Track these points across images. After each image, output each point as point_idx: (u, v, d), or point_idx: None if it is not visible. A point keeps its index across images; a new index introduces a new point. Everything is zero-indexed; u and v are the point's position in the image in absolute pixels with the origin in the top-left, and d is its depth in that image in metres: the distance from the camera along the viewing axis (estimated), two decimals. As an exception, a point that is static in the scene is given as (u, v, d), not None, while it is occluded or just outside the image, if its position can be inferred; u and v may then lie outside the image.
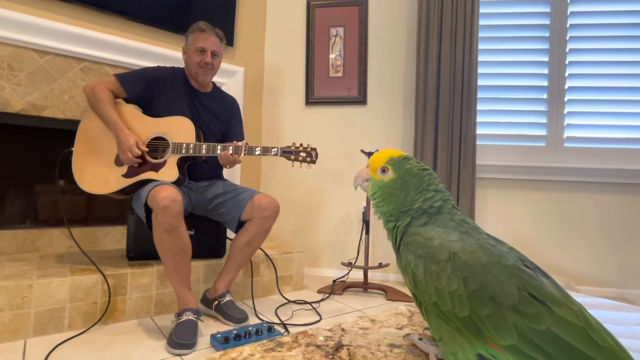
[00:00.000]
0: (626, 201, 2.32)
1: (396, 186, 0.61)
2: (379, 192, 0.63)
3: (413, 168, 0.62)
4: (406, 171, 0.62)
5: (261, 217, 1.71)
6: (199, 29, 1.78)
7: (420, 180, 0.61)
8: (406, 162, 0.63)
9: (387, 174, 0.62)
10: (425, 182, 0.61)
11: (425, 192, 0.61)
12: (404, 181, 0.61)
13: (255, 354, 0.57)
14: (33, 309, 1.44)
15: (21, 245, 1.87)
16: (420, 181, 0.61)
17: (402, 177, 0.62)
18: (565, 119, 2.38)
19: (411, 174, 0.61)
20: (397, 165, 0.62)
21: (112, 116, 1.63)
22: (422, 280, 0.55)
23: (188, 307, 1.50)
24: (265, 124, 2.72)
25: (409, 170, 0.62)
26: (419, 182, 0.61)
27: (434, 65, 2.35)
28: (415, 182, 0.61)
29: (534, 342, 0.47)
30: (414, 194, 0.61)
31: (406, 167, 0.62)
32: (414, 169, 0.62)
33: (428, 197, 0.60)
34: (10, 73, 1.82)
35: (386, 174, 0.63)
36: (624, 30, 2.36)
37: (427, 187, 0.61)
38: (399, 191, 0.61)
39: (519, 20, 2.45)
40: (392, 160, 0.63)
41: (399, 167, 0.62)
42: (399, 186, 0.61)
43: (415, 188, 0.61)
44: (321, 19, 2.60)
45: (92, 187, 1.65)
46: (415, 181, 0.61)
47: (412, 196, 0.61)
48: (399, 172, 0.62)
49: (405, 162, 0.63)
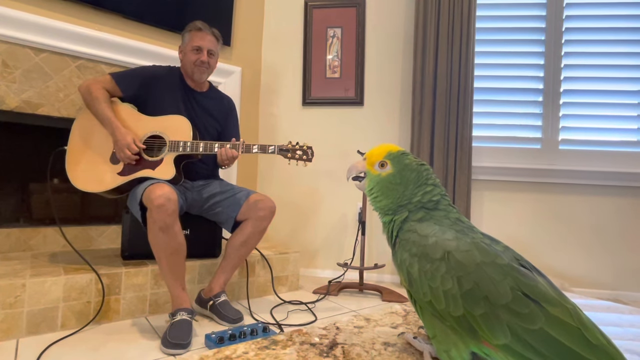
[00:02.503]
0: (620, 204, 2.33)
1: (395, 181, 0.61)
2: (377, 187, 0.63)
3: (412, 163, 0.62)
4: (405, 166, 0.62)
5: (257, 218, 1.71)
6: (196, 27, 1.78)
7: (418, 175, 0.62)
8: (405, 157, 0.63)
9: (386, 169, 0.63)
10: (423, 177, 0.62)
11: (424, 186, 0.61)
12: (402, 176, 0.61)
13: (250, 352, 0.57)
14: (26, 308, 1.42)
15: (14, 244, 1.86)
16: (419, 176, 0.62)
17: (401, 171, 0.62)
18: (561, 122, 2.39)
19: (410, 169, 0.62)
20: (395, 160, 0.62)
21: (107, 114, 1.62)
22: (417, 279, 0.55)
23: (182, 307, 1.49)
24: (262, 124, 2.72)
25: (407, 165, 0.62)
26: (418, 176, 0.61)
27: (430, 67, 2.36)
28: (414, 177, 0.61)
29: (527, 341, 0.47)
30: (413, 188, 0.61)
31: (405, 162, 0.62)
32: (412, 164, 0.62)
33: (427, 190, 0.61)
34: (5, 70, 1.81)
35: (384, 168, 0.63)
36: (619, 34, 2.38)
37: (426, 182, 0.61)
38: (397, 186, 0.61)
39: (515, 24, 2.46)
40: (390, 154, 0.63)
41: (397, 161, 0.62)
42: (397, 181, 0.61)
43: (414, 182, 0.61)
44: (319, 20, 2.60)
45: (87, 186, 1.63)
46: (414, 176, 0.61)
47: (411, 190, 0.61)
48: (398, 166, 0.62)
49: (404, 157, 0.63)
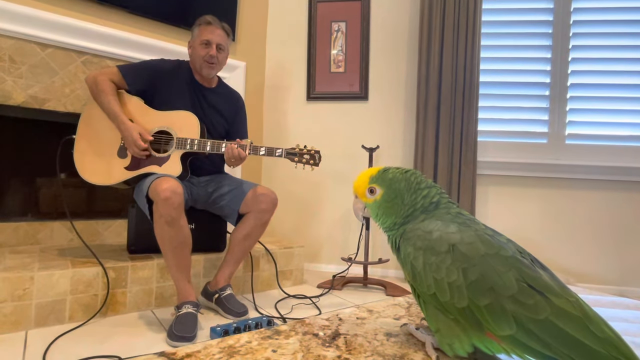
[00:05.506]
0: (627, 199, 2.31)
1: (389, 198, 0.63)
2: (379, 211, 0.64)
3: (396, 175, 0.64)
4: (391, 180, 0.63)
5: (259, 210, 1.70)
6: (206, 21, 1.76)
7: (407, 182, 0.63)
8: (387, 173, 0.64)
9: (376, 193, 0.64)
10: (413, 182, 0.63)
11: (419, 191, 0.62)
12: (393, 190, 0.63)
13: (253, 342, 0.57)
14: (34, 301, 1.44)
15: (22, 237, 1.88)
16: (408, 182, 0.63)
17: (390, 187, 0.63)
18: (567, 116, 2.37)
19: (397, 180, 0.63)
20: (380, 180, 0.64)
21: (114, 109, 1.62)
22: (421, 272, 0.56)
23: (188, 300, 1.51)
24: (267, 119, 2.72)
25: (393, 179, 0.63)
26: (407, 184, 0.63)
27: (435, 61, 2.35)
28: (404, 186, 0.62)
29: (532, 332, 0.48)
30: (408, 196, 0.62)
31: (389, 177, 0.64)
32: (397, 175, 0.64)
33: (424, 194, 0.62)
34: (11, 66, 1.82)
35: (375, 193, 0.64)
36: (628, 27, 2.34)
37: (418, 186, 0.62)
38: (394, 201, 0.63)
39: (521, 16, 2.44)
40: (373, 178, 0.64)
41: (382, 180, 0.64)
42: (392, 197, 0.63)
43: (407, 190, 0.62)
44: (323, 14, 2.59)
45: (94, 178, 1.64)
46: (404, 185, 0.62)
47: (408, 198, 0.62)
48: (385, 184, 0.63)
49: (386, 173, 0.64)
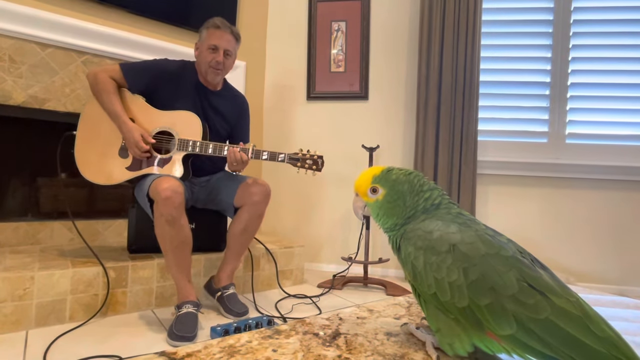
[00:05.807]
0: (628, 198, 2.31)
1: (391, 199, 0.63)
2: (380, 211, 0.64)
3: (399, 176, 0.64)
4: (394, 182, 0.63)
5: (252, 203, 1.68)
6: (214, 25, 1.70)
7: (410, 184, 0.63)
8: (390, 173, 0.64)
9: (378, 192, 0.64)
10: (416, 184, 0.63)
11: (421, 194, 0.62)
12: (396, 191, 0.63)
13: (253, 341, 0.57)
14: (35, 301, 1.44)
15: (23, 237, 1.88)
16: (411, 184, 0.63)
17: (393, 188, 0.63)
18: (568, 115, 2.37)
19: (400, 182, 0.63)
20: (383, 180, 0.64)
21: (115, 108, 1.60)
22: (422, 271, 0.56)
23: (188, 300, 1.51)
24: (267, 119, 2.72)
25: (396, 180, 0.63)
26: (410, 186, 0.63)
27: (436, 60, 2.34)
28: (407, 188, 0.62)
29: (533, 331, 0.48)
30: (410, 198, 0.62)
31: (393, 178, 0.63)
32: (400, 177, 0.64)
33: (426, 197, 0.62)
34: (11, 65, 1.82)
35: (377, 193, 0.64)
36: (628, 27, 2.34)
37: (421, 188, 0.63)
38: (396, 202, 0.63)
39: (522, 16, 2.43)
40: (376, 178, 0.64)
41: (385, 181, 0.64)
42: (394, 198, 0.63)
43: (410, 192, 0.62)
44: (323, 14, 2.59)
45: (95, 177, 1.63)
46: (407, 187, 0.63)
47: (410, 200, 0.62)
48: (388, 185, 0.63)
49: (390, 174, 0.64)
